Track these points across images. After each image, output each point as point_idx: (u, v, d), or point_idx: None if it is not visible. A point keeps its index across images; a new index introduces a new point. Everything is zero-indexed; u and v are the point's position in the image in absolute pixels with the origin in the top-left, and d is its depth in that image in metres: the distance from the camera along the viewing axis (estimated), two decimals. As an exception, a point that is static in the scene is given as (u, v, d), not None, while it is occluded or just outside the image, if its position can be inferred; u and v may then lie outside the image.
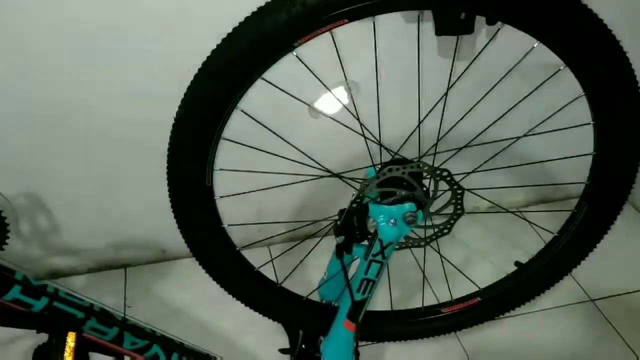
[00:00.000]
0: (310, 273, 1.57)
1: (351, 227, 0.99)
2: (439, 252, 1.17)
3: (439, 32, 0.90)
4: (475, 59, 1.04)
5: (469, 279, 1.20)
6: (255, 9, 0.84)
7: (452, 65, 0.97)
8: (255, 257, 1.24)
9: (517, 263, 1.21)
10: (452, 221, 1.06)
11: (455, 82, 0.99)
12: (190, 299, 1.64)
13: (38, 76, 1.30)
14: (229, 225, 1.06)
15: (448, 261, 1.20)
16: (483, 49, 0.99)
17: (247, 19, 0.85)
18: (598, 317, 1.55)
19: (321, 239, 1.13)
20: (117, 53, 1.30)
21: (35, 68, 1.29)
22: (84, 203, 1.61)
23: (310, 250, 1.21)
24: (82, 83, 1.34)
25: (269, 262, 1.20)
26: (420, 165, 0.97)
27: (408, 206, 0.99)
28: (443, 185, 1.01)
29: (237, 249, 1.10)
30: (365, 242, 1.03)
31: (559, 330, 1.49)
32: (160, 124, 0.97)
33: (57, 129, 1.42)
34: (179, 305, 1.71)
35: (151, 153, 0.92)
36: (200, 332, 1.58)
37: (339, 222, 1.01)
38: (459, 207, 1.03)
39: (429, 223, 1.07)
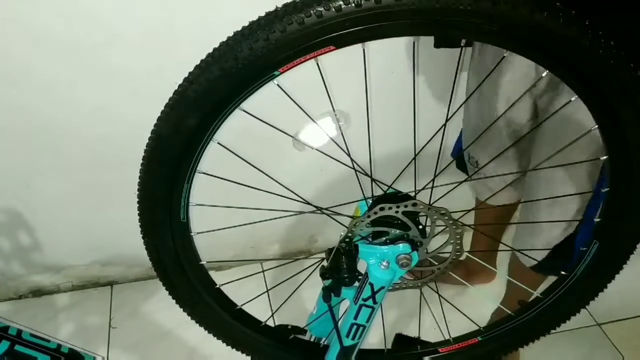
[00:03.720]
0: (302, 293, 1.50)
1: (339, 270, 0.90)
2: (437, 292, 1.09)
3: (438, 44, 0.84)
4: (479, 86, 0.95)
5: (469, 318, 1.11)
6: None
7: (452, 94, 0.88)
8: (246, 273, 1.22)
9: (520, 302, 1.12)
10: (451, 262, 0.98)
11: (455, 112, 0.90)
12: (179, 319, 1.54)
13: (20, 90, 1.25)
14: (207, 262, 0.98)
15: (446, 300, 1.12)
16: (487, 76, 0.90)
17: (221, 44, 0.76)
18: (605, 341, 1.52)
19: (308, 276, 1.04)
20: (102, 69, 1.25)
21: (18, 82, 1.24)
22: (68, 219, 1.56)
23: (300, 284, 1.13)
24: (66, 99, 1.30)
25: (256, 297, 1.13)
26: (416, 204, 0.88)
27: (402, 247, 0.90)
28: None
29: (217, 286, 1.03)
30: (356, 284, 0.94)
31: (565, 355, 1.45)
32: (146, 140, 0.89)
33: (39, 144, 1.37)
34: (167, 326, 1.64)
35: (137, 169, 0.86)
36: (188, 355, 1.52)
37: (326, 263, 0.92)
38: (458, 247, 0.95)
39: (425, 261, 0.99)
